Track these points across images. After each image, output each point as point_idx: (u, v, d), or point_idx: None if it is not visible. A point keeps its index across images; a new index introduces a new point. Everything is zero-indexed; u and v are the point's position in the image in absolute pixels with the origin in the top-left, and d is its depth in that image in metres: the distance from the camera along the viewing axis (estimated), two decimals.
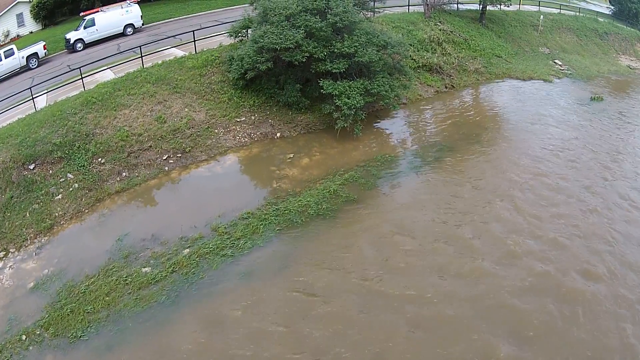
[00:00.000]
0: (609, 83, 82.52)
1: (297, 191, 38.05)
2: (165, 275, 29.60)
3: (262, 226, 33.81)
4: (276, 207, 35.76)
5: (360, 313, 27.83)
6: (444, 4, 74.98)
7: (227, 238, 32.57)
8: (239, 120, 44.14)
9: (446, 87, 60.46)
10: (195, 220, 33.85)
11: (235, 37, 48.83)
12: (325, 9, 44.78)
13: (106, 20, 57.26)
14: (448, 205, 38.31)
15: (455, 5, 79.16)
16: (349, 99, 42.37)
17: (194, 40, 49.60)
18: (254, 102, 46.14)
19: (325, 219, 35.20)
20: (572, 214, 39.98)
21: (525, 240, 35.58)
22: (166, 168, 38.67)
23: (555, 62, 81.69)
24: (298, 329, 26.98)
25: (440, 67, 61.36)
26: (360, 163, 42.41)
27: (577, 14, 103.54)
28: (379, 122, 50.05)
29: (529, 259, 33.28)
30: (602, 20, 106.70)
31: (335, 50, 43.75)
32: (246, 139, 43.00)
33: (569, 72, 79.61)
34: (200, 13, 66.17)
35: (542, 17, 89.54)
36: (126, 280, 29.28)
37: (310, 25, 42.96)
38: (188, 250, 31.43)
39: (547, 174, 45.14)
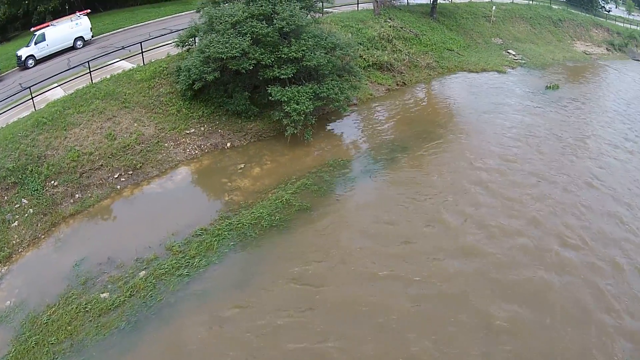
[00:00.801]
0: (565, 70, 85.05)
1: (249, 203, 38.59)
2: (124, 300, 29.80)
3: (216, 242, 34.20)
4: (229, 221, 36.22)
5: (322, 324, 28.83)
6: (393, 0, 76.68)
7: (182, 257, 32.91)
8: (188, 132, 44.86)
9: (398, 85, 62.02)
10: (149, 240, 34.08)
11: (183, 46, 49.68)
12: (272, 13, 45.67)
13: (57, 34, 57.37)
14: (405, 206, 39.73)
15: (406, 0, 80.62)
16: (298, 104, 43.34)
17: (142, 52, 50.17)
18: (203, 112, 46.87)
19: (279, 230, 35.91)
20: (544, 194, 43.21)
21: (501, 222, 38.62)
22: (118, 187, 38.94)
23: (508, 52, 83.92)
24: (261, 348, 27.68)
25: (390, 65, 63.04)
26: (313, 169, 43.33)
27: (531, 2, 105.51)
28: (330, 125, 51.21)
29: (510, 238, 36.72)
30: (556, 7, 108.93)
31: (283, 55, 44.64)
32: (196, 151, 43.70)
33: (523, 61, 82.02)
34: (149, 22, 66.69)
35: (494, 7, 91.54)
36: (86, 307, 29.43)
37: (257, 32, 43.94)
38: (144, 272, 31.70)
39: (513, 160, 48.23)
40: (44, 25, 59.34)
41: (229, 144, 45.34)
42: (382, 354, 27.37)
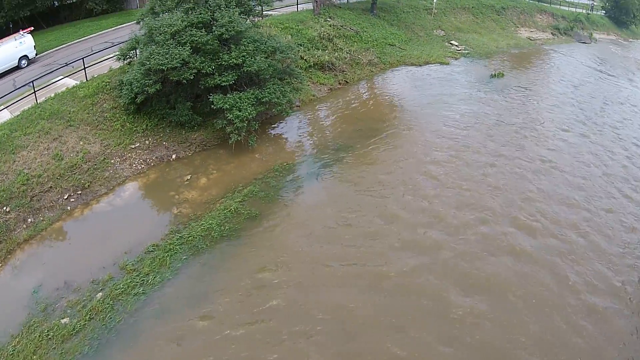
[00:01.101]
0: (509, 58, 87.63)
1: (198, 215, 39.11)
2: (84, 324, 29.88)
3: (168, 257, 34.63)
4: (180, 235, 36.71)
5: (285, 330, 29.86)
6: None
7: (136, 275, 33.19)
8: (133, 146, 45.10)
9: (340, 84, 63.28)
10: (103, 260, 34.24)
11: (124, 59, 49.88)
12: (211, 21, 46.18)
13: (1, 55, 56.16)
14: (355, 204, 41.13)
15: None
16: (240, 111, 44.04)
17: (84, 68, 50.22)
18: (147, 125, 47.14)
19: (230, 241, 36.66)
20: (497, 180, 46.07)
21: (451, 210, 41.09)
22: (68, 207, 38.78)
23: (451, 44, 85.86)
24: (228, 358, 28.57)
25: (332, 64, 64.25)
26: (259, 175, 44.25)
27: None
28: (274, 129, 52.40)
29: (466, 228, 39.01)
30: None
31: (223, 62, 45.25)
32: (142, 166, 43.98)
33: (466, 51, 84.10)
34: (91, 35, 66.30)
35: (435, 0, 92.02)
36: (48, 335, 29.37)
37: (196, 40, 44.36)
38: (101, 294, 31.88)
39: (462, 149, 50.80)
40: None
41: (174, 156, 45.80)
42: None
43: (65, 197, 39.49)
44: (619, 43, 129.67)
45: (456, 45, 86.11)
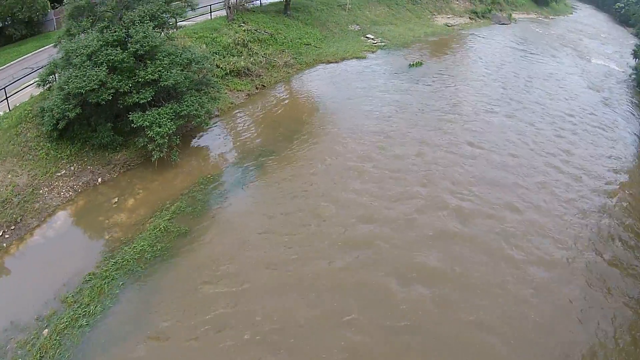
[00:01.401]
0: (427, 46, 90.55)
1: (129, 237, 39.53)
2: None
3: (106, 285, 34.97)
4: (114, 261, 36.98)
5: (236, 342, 31.24)
6: (246, 3, 78.53)
7: (78, 307, 33.25)
8: (59, 174, 44.98)
9: (257, 88, 64.79)
10: (44, 295, 34.21)
11: (44, 85, 49.25)
12: (126, 38, 46.84)
13: None
14: (283, 208, 43.11)
15: (259, 1, 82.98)
16: (160, 127, 44.84)
17: (7, 98, 49.75)
18: (71, 151, 47.04)
19: (163, 260, 37.44)
20: (427, 165, 49.50)
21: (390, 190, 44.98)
22: (4, 244, 38.38)
23: (367, 38, 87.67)
24: None
25: (248, 69, 65.75)
26: (185, 190, 45.17)
27: None
28: (196, 141, 53.44)
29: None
30: None
31: (140, 79, 45.81)
32: (70, 193, 43.91)
33: (383, 44, 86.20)
34: (12, 62, 64.65)
35: None
36: None
37: (112, 59, 44.76)
38: (47, 330, 31.75)
39: (388, 137, 53.94)
40: None
41: (99, 180, 45.90)
42: None
43: (0, 234, 39.15)
44: (539, 21, 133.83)
45: (372, 39, 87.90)
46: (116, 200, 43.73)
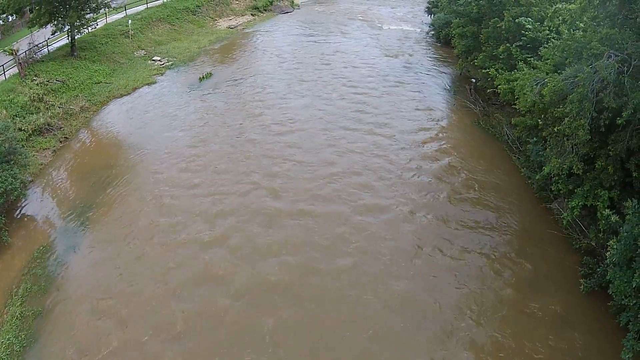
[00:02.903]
0: (213, 54, 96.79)
1: None
2: None
3: None
4: None
5: None
6: (34, 55, 79.80)
7: None
8: None
9: (61, 142, 66.86)
10: None
11: None
12: None
13: None
14: (115, 263, 45.55)
15: (46, 49, 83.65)
16: None
17: None
18: None
19: (31, 349, 38.15)
20: (254, 165, 59.34)
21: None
22: None
23: (154, 61, 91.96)
24: None
25: (49, 125, 67.65)
26: (25, 270, 45.54)
27: (165, 0, 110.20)
28: (20, 213, 53.69)
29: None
30: None
31: None
32: None
33: (170, 63, 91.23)
34: None
35: (129, 21, 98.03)
36: None
37: None
38: None
39: (199, 155, 61.54)
40: None
41: None
42: None
43: None
44: (322, 2, 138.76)
45: (159, 60, 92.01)
46: None
